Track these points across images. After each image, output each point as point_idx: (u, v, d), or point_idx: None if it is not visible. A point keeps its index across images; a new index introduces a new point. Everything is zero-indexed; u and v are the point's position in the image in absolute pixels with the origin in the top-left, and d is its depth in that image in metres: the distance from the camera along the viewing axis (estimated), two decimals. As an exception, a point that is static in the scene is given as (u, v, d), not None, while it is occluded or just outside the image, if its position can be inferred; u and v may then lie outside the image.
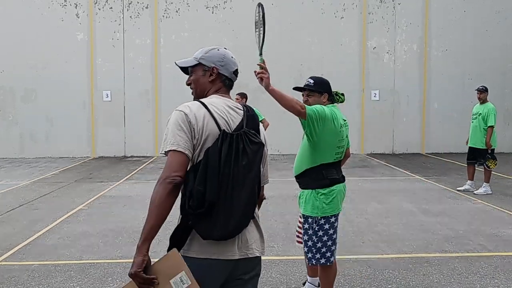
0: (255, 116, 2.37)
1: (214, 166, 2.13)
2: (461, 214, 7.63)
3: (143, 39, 15.73)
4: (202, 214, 2.12)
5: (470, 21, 16.12)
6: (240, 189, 2.17)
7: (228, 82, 2.44)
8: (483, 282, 4.82)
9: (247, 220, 2.23)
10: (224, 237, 2.15)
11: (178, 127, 2.20)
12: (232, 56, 2.46)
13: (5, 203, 8.64)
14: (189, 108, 2.25)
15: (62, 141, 15.59)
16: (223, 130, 2.21)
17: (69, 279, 4.92)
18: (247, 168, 2.19)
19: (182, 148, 2.16)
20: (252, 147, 2.23)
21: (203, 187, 2.12)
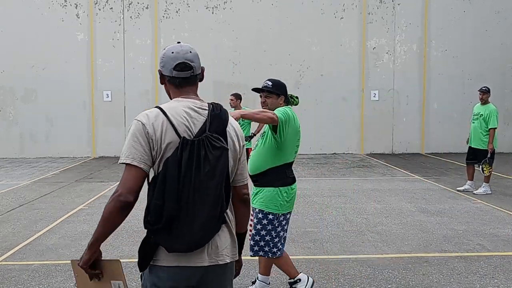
0: (222, 115, 2.25)
1: (173, 178, 2.05)
2: (461, 214, 7.64)
3: (143, 39, 15.74)
4: (160, 229, 2.07)
5: (470, 21, 16.13)
6: (203, 198, 2.09)
7: (174, 81, 2.29)
8: (482, 282, 4.83)
9: (213, 230, 2.16)
10: (188, 249, 2.10)
11: (134, 139, 2.12)
12: (173, 51, 2.29)
13: (5, 203, 8.65)
14: (147, 117, 2.16)
15: (62, 141, 15.59)
16: (183, 137, 2.11)
17: (69, 279, 4.93)
18: (210, 175, 2.09)
19: (137, 162, 2.09)
20: (214, 153, 2.12)
21: (161, 200, 2.06)
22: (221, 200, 2.16)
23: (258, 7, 15.74)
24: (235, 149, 2.28)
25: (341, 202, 8.56)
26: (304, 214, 7.65)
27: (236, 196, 2.38)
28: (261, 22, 15.77)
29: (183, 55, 2.28)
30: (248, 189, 2.42)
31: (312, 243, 6.13)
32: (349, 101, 16.10)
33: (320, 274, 5.04)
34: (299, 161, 14.36)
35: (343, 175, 11.64)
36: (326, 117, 15.90)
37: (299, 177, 11.42)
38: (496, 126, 9.02)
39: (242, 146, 2.34)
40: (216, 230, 2.18)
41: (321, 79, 15.94)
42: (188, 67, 2.28)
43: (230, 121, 2.29)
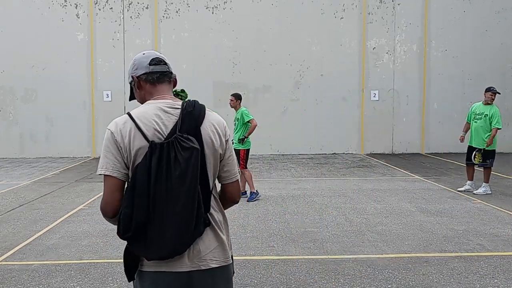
0: (194, 113, 2.14)
1: (142, 184, 2.00)
2: (461, 214, 7.64)
3: (143, 40, 15.74)
4: (131, 238, 2.04)
5: (470, 21, 16.13)
6: (175, 203, 2.00)
7: (152, 77, 2.24)
8: (482, 282, 4.83)
9: (190, 235, 2.05)
10: (164, 257, 2.05)
11: (106, 148, 2.11)
12: (144, 53, 2.30)
13: (5, 203, 8.65)
14: (115, 124, 2.13)
15: (62, 141, 15.60)
16: (152, 141, 2.04)
17: (69, 279, 4.93)
18: (180, 178, 2.00)
19: (110, 171, 2.07)
20: (184, 154, 2.01)
21: (130, 208, 2.00)
22: (196, 203, 2.05)
23: (258, 7, 15.74)
24: (214, 146, 2.16)
25: (341, 202, 8.56)
26: (304, 214, 7.66)
27: (224, 195, 2.29)
28: (261, 22, 15.77)
29: (154, 53, 2.30)
30: (239, 187, 2.32)
31: (312, 243, 6.13)
32: (349, 101, 16.10)
33: (320, 274, 5.05)
34: (299, 161, 14.36)
35: (343, 175, 11.64)
36: (326, 117, 15.90)
37: (299, 177, 11.48)
38: (501, 126, 9.04)
39: (225, 142, 2.21)
40: (196, 235, 2.08)
41: (321, 79, 15.94)
42: (163, 62, 2.28)
43: (207, 117, 2.18)
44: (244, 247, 5.90)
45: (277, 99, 15.83)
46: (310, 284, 4.77)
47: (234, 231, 6.57)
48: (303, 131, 15.93)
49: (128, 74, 2.33)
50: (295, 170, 12.34)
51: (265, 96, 15.86)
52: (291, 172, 11.95)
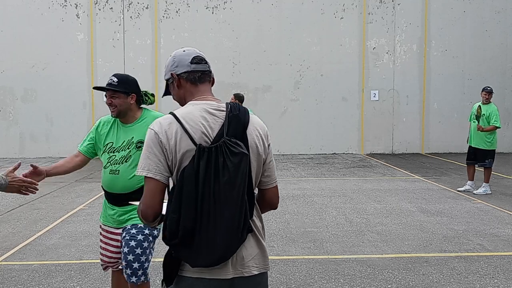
0: (240, 117, 2.06)
1: (190, 189, 1.93)
2: (461, 214, 7.64)
3: (143, 40, 15.74)
4: (178, 245, 1.97)
5: (470, 21, 16.14)
6: (223, 209, 1.94)
7: (193, 76, 2.17)
8: (482, 282, 4.83)
9: (237, 241, 2.01)
10: (211, 264, 1.98)
11: (149, 149, 2.02)
12: (184, 50, 2.23)
13: (5, 203, 8.65)
14: (160, 125, 2.04)
15: (62, 141, 15.59)
16: (199, 145, 1.96)
17: (69, 279, 4.93)
18: (229, 184, 1.94)
19: (153, 173, 1.99)
20: (233, 160, 1.95)
21: (178, 214, 1.93)
22: (243, 210, 2.00)
23: (258, 7, 15.74)
24: (259, 151, 2.11)
25: (341, 202, 8.56)
26: (304, 214, 7.65)
27: (263, 200, 2.24)
28: (261, 22, 15.77)
29: (194, 51, 2.23)
30: (278, 192, 2.27)
31: (312, 243, 6.13)
32: (349, 101, 16.10)
33: (320, 274, 5.04)
34: (299, 161, 14.36)
35: (343, 175, 11.64)
36: (326, 117, 15.90)
37: (299, 177, 11.49)
38: (499, 125, 9.03)
39: (267, 146, 2.16)
40: (241, 241, 2.03)
41: (321, 79, 15.94)
42: (204, 60, 2.22)
43: (252, 121, 2.11)
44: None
45: (277, 99, 15.83)
46: (310, 284, 4.77)
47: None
48: (303, 131, 15.93)
49: (166, 70, 2.24)
50: (295, 170, 12.34)
51: (265, 96, 15.86)
52: (291, 172, 11.95)
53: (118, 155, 3.39)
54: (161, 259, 5.67)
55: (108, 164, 3.40)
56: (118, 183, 3.36)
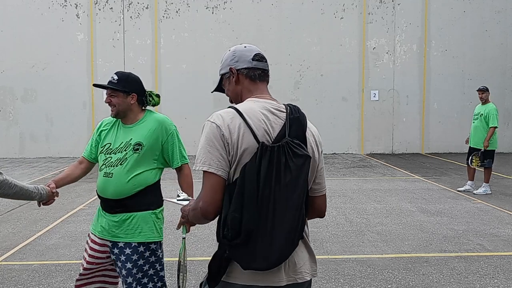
0: (301, 119, 2.02)
1: (252, 188, 1.84)
2: (461, 214, 7.64)
3: (143, 40, 15.74)
4: (238, 245, 1.87)
5: (470, 21, 16.14)
6: (283, 212, 1.87)
7: (254, 73, 2.11)
8: (482, 282, 4.83)
9: (293, 246, 1.94)
10: (266, 267, 1.89)
11: (210, 143, 1.92)
12: (245, 46, 2.16)
13: (5, 203, 8.65)
14: (221, 118, 1.95)
15: (62, 141, 15.60)
16: (262, 142, 1.89)
17: (69, 279, 4.93)
18: (291, 186, 1.88)
19: (215, 169, 1.90)
20: (296, 161, 1.89)
21: (239, 213, 1.85)
22: (302, 214, 1.95)
23: (258, 7, 15.74)
24: (314, 156, 2.05)
25: (341, 202, 8.56)
26: (304, 214, 7.65)
27: (312, 208, 2.14)
28: (261, 22, 15.77)
29: (256, 48, 2.16)
30: (326, 200, 2.20)
31: (312, 243, 6.08)
32: (349, 101, 16.10)
33: (320, 274, 5.04)
34: (299, 161, 14.36)
35: (343, 175, 11.64)
36: (326, 117, 15.90)
37: (299, 177, 11.45)
38: (496, 125, 9.02)
39: (320, 153, 2.12)
40: (295, 246, 1.96)
41: (321, 79, 15.94)
42: (265, 59, 2.16)
43: (308, 125, 2.08)
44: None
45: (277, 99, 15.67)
46: (310, 284, 4.77)
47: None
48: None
49: (222, 64, 2.17)
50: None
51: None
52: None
53: (114, 157, 3.16)
54: (161, 259, 5.63)
55: (103, 166, 3.19)
56: (110, 187, 3.12)
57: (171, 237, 6.33)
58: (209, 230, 6.71)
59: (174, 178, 3.56)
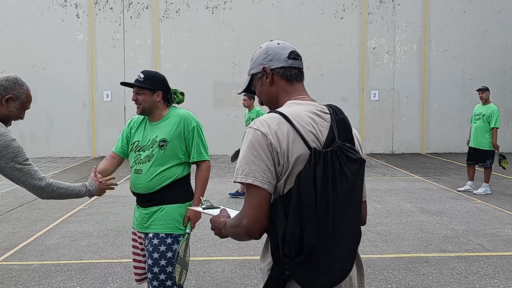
0: (346, 120, 1.86)
1: (310, 198, 1.67)
2: (461, 214, 7.64)
3: (143, 40, 15.74)
4: (302, 263, 1.69)
5: (470, 21, 16.14)
6: (342, 221, 1.72)
7: (290, 73, 1.93)
8: (482, 282, 4.83)
9: (353, 259, 1.80)
10: (330, 284, 1.74)
11: (254, 152, 1.72)
12: (278, 43, 1.98)
13: (5, 203, 8.65)
14: (267, 125, 1.75)
15: (62, 141, 15.60)
16: (314, 148, 1.72)
17: (69, 279, 4.93)
18: (347, 194, 1.73)
19: (260, 182, 1.71)
20: (351, 166, 1.74)
21: (299, 227, 1.67)
22: (359, 222, 1.81)
23: (258, 7, 15.75)
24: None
25: (341, 202, 8.55)
26: (304, 214, 7.65)
27: None
28: (261, 22, 15.78)
29: (290, 45, 1.99)
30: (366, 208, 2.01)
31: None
32: (349, 101, 16.09)
33: (320, 274, 5.04)
34: (299, 161, 14.36)
35: (343, 175, 11.63)
36: (326, 117, 15.89)
37: (299, 177, 11.45)
38: (499, 126, 9.05)
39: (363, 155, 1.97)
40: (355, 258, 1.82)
41: (321, 79, 15.94)
42: (300, 56, 1.99)
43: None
44: (244, 247, 5.89)
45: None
46: (310, 284, 4.77)
47: (234, 231, 6.57)
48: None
49: (253, 63, 1.98)
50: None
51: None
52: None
53: (143, 154, 3.31)
54: (161, 259, 5.60)
55: (134, 163, 3.37)
56: (140, 183, 3.30)
57: (171, 237, 6.34)
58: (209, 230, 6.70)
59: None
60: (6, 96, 2.81)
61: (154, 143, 3.29)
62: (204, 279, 4.91)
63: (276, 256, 1.74)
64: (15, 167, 2.73)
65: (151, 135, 3.33)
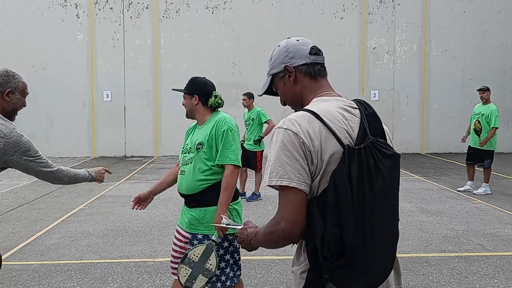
0: (376, 115, 1.81)
1: (346, 198, 1.61)
2: (461, 214, 7.64)
3: (143, 40, 15.74)
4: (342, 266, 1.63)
5: (470, 21, 16.14)
6: (380, 221, 1.65)
7: (313, 70, 1.87)
8: (482, 282, 4.83)
9: (393, 260, 1.75)
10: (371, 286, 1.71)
11: (287, 153, 1.65)
12: (298, 39, 1.95)
13: (5, 203, 8.65)
14: (297, 124, 1.68)
15: (62, 141, 15.60)
16: (347, 145, 1.66)
17: (69, 279, 4.93)
18: (384, 191, 1.66)
19: (296, 183, 1.64)
20: (386, 162, 1.67)
21: (338, 228, 1.60)
22: (397, 220, 1.75)
23: (258, 7, 15.75)
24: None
25: (341, 202, 8.55)
26: (304, 214, 7.65)
27: None
28: (261, 22, 15.78)
29: (309, 41, 1.93)
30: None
31: (312, 243, 6.11)
32: (349, 101, 16.10)
33: (320, 274, 5.04)
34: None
35: (343, 175, 11.63)
36: (326, 117, 15.90)
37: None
38: (498, 125, 9.04)
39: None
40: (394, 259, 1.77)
41: (321, 79, 15.95)
42: (321, 51, 1.92)
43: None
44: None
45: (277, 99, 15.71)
46: (310, 284, 4.76)
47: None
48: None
49: (273, 63, 1.92)
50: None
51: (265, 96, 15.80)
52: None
53: (187, 156, 3.43)
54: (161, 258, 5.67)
55: (181, 164, 3.50)
56: (183, 183, 3.40)
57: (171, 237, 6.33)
58: (209, 230, 6.71)
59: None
60: (6, 90, 2.87)
61: (194, 145, 3.40)
62: (204, 279, 4.91)
63: (313, 260, 1.68)
64: (28, 159, 2.91)
65: (194, 138, 3.45)
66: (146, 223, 7.06)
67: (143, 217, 7.40)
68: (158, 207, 8.04)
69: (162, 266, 5.25)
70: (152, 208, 8.02)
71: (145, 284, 4.77)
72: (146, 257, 5.60)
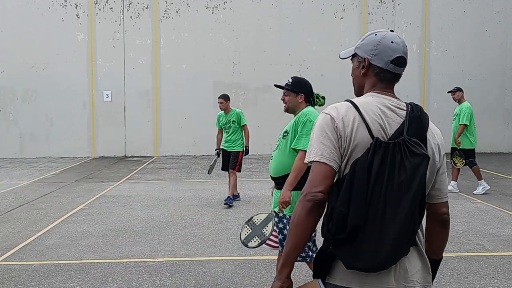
0: (422, 118, 1.92)
1: (361, 184, 1.76)
2: (461, 214, 7.64)
3: (143, 40, 15.74)
4: (342, 241, 1.79)
5: (470, 21, 16.14)
6: (394, 212, 1.76)
7: (384, 75, 2.00)
8: (482, 282, 4.83)
9: (402, 250, 1.82)
10: (370, 269, 1.79)
11: (323, 133, 1.87)
12: (392, 41, 1.99)
13: (5, 203, 8.65)
14: (336, 110, 1.89)
15: (62, 141, 15.60)
16: (376, 138, 1.81)
17: (69, 279, 4.93)
18: (404, 187, 1.76)
19: (326, 159, 1.83)
20: (412, 160, 1.78)
21: (346, 208, 1.77)
22: (414, 217, 1.83)
23: (258, 7, 15.74)
24: (434, 159, 1.94)
25: (341, 202, 8.55)
26: (304, 214, 7.64)
27: (433, 215, 2.09)
28: (261, 22, 15.77)
29: (402, 48, 2.00)
30: (448, 208, 2.10)
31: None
32: (349, 101, 16.10)
33: (320, 274, 5.04)
34: (299, 161, 14.34)
35: (343, 175, 11.63)
36: (326, 117, 15.90)
37: (299, 177, 11.45)
38: (465, 122, 9.23)
39: (442, 157, 2.01)
40: (405, 252, 1.84)
41: (321, 79, 15.93)
42: (405, 64, 2.03)
43: (430, 126, 1.96)
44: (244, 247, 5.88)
45: (277, 99, 15.70)
46: (310, 284, 4.76)
47: (234, 232, 6.57)
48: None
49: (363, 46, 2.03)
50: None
51: (265, 96, 15.86)
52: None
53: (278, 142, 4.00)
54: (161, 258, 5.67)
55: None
56: (272, 167, 3.94)
57: (171, 237, 6.34)
58: (209, 230, 6.71)
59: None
60: None
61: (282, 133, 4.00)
62: (204, 279, 4.91)
63: (322, 232, 1.87)
64: None
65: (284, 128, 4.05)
66: (146, 223, 7.05)
67: (143, 217, 7.40)
68: (158, 207, 8.04)
69: (162, 266, 5.25)
70: (152, 208, 8.01)
71: (145, 284, 4.77)
72: (146, 257, 5.60)
